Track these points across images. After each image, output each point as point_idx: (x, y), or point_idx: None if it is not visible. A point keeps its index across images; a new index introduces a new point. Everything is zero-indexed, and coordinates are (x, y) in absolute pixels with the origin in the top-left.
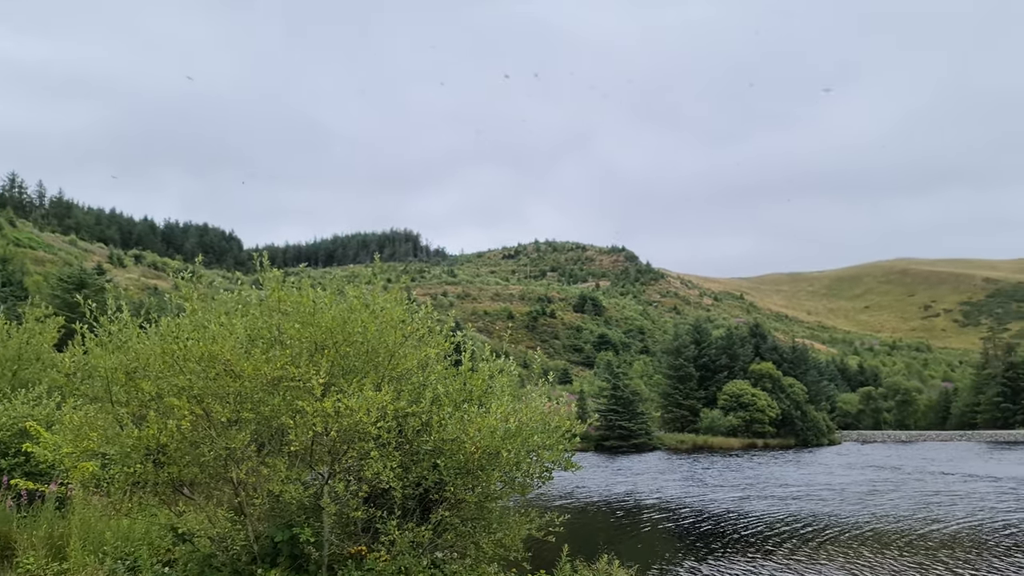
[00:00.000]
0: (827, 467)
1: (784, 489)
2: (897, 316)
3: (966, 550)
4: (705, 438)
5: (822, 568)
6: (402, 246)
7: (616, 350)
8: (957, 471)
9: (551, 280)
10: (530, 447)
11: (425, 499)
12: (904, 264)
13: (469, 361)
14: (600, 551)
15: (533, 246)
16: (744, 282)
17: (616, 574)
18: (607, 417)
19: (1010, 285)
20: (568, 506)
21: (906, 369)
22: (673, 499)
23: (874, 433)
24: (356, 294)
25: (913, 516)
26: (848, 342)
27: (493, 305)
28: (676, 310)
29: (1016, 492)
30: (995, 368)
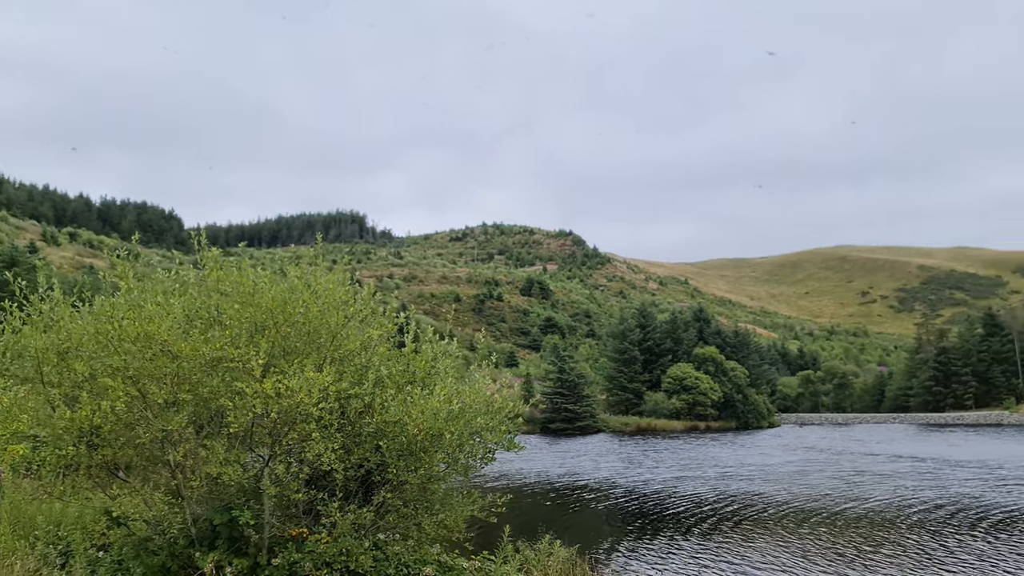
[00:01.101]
0: (763, 449)
1: (719, 470)
2: (836, 302)
3: (880, 527)
4: (649, 420)
5: (748, 545)
6: (348, 227)
7: (563, 333)
8: (884, 452)
9: (499, 263)
10: (473, 429)
11: (367, 481)
12: (843, 251)
13: (413, 343)
14: (542, 532)
15: (481, 229)
16: (689, 267)
17: (557, 553)
18: (553, 400)
19: (943, 272)
20: (512, 488)
21: (844, 353)
22: (614, 480)
23: (812, 416)
24: (298, 274)
25: (835, 495)
26: (789, 327)
27: (440, 288)
28: (622, 294)
29: (934, 472)
30: (927, 353)
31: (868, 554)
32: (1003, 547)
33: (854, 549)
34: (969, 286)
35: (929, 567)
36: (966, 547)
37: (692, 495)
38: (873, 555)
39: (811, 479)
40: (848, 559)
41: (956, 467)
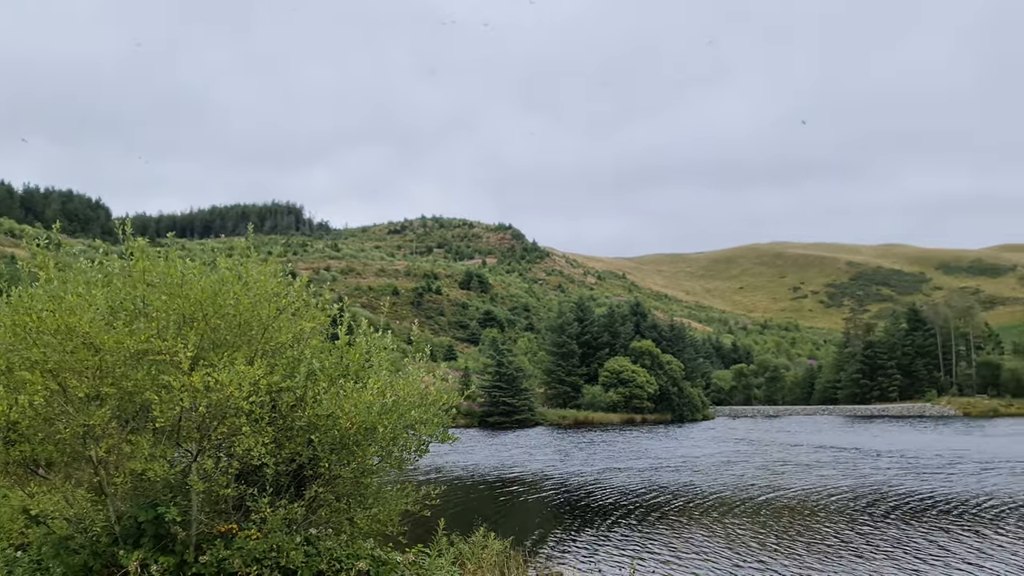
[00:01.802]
0: (695, 441)
1: (652, 462)
2: (769, 297)
3: (799, 515)
4: (586, 414)
5: (675, 534)
6: (284, 219)
7: (501, 327)
8: (809, 443)
9: (437, 256)
10: (407, 422)
11: (299, 475)
12: (777, 248)
13: (347, 336)
14: (477, 524)
15: (420, 222)
16: (627, 262)
17: (491, 546)
18: (491, 393)
19: (871, 269)
20: (447, 481)
21: (776, 347)
22: (549, 473)
23: (745, 408)
24: (228, 265)
25: (759, 484)
26: (723, 321)
27: (378, 281)
28: (561, 288)
29: (854, 461)
30: (855, 347)
31: (787, 541)
32: (914, 532)
33: (774, 537)
34: (895, 282)
35: (844, 553)
36: (879, 533)
37: (624, 486)
38: (792, 542)
39: (737, 469)
40: (768, 546)
41: (876, 457)
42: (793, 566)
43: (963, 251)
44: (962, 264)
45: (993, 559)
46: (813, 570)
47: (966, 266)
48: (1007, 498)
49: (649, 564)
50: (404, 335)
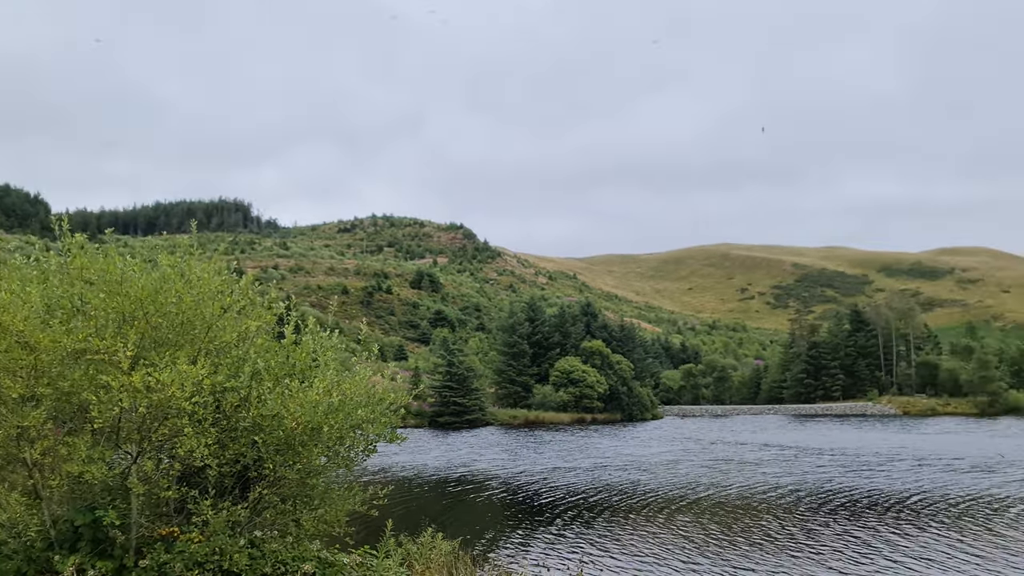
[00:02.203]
0: (643, 440)
1: (600, 461)
2: (717, 298)
3: (741, 511)
4: (537, 413)
5: (621, 531)
6: (232, 216)
7: (452, 327)
8: (753, 441)
9: (388, 255)
10: (354, 422)
11: (244, 477)
12: (724, 249)
13: (293, 335)
14: (425, 525)
15: (370, 220)
16: (578, 262)
17: (439, 546)
18: (442, 393)
19: (815, 271)
20: (396, 481)
21: (723, 348)
22: (499, 473)
23: (693, 408)
24: (170, 263)
25: (703, 482)
26: (672, 322)
27: (327, 279)
28: (512, 288)
29: (796, 459)
30: (800, 347)
31: (730, 538)
32: (852, 528)
33: (718, 534)
34: (839, 284)
35: (784, 548)
36: (818, 529)
37: (572, 485)
38: (735, 539)
39: (683, 468)
40: (712, 543)
41: (817, 454)
42: (735, 562)
43: (904, 254)
44: (903, 267)
45: (925, 552)
46: (755, 566)
47: (906, 269)
48: (940, 494)
49: (596, 562)
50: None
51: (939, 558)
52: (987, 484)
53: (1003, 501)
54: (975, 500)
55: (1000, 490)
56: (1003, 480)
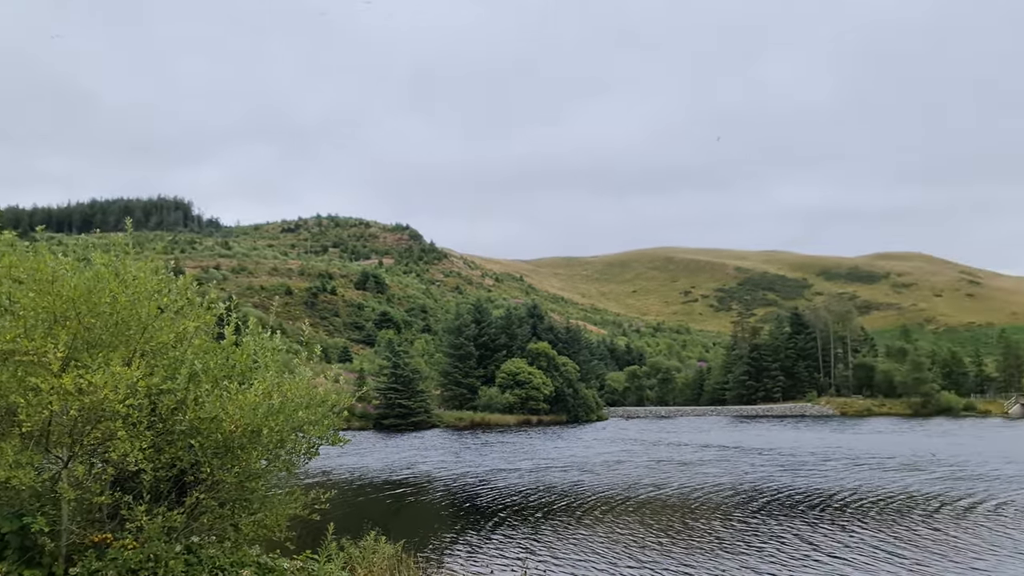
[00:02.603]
0: (587, 441)
1: (544, 462)
2: (661, 300)
3: (677, 510)
4: (483, 415)
5: (562, 532)
6: (171, 215)
7: (398, 328)
8: (694, 442)
9: (333, 256)
10: (295, 424)
11: (180, 481)
12: (668, 252)
13: (233, 336)
14: (368, 528)
15: (315, 221)
16: (524, 264)
17: (382, 550)
18: (387, 395)
19: (757, 274)
20: (340, 484)
21: (667, 350)
22: (443, 475)
23: (638, 409)
24: (105, 261)
25: (642, 482)
26: (618, 324)
27: (271, 280)
28: (459, 289)
29: (735, 459)
30: (742, 349)
31: (668, 537)
32: (787, 526)
33: (657, 533)
34: (779, 287)
35: (722, 547)
36: (754, 528)
37: (516, 487)
38: (673, 538)
39: (624, 468)
40: (651, 543)
41: (756, 454)
42: (675, 560)
43: (842, 258)
44: (841, 271)
45: (856, 550)
46: (694, 564)
47: (844, 273)
48: (868, 492)
49: (540, 563)
50: (297, 336)
51: (864, 554)
52: (912, 481)
53: (927, 498)
54: (901, 498)
55: (924, 488)
56: (928, 478)
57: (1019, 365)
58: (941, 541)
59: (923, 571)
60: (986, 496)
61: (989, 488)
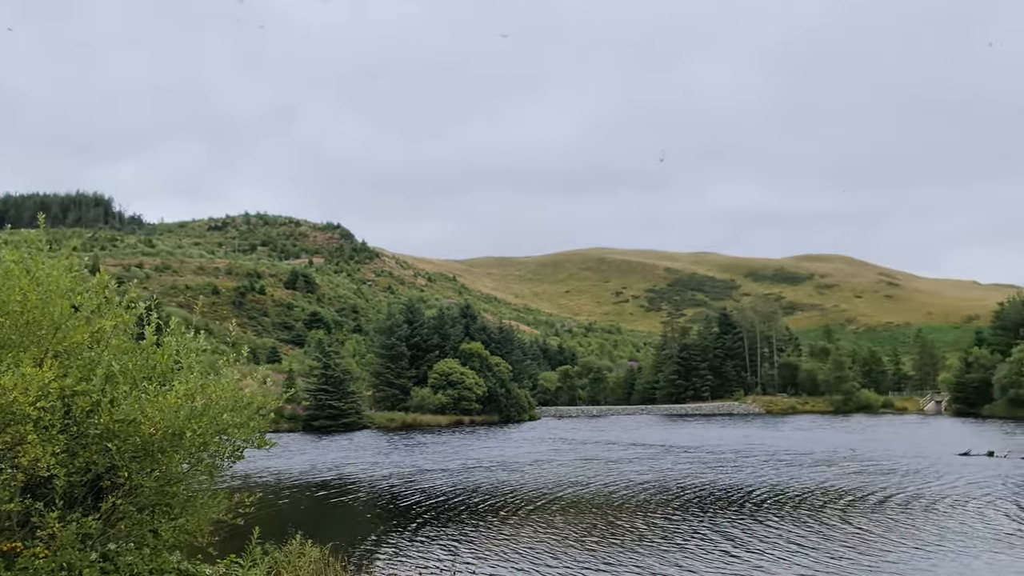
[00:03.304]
0: (519, 441)
1: (475, 462)
2: (593, 300)
3: (600, 507)
4: (415, 416)
5: (488, 531)
6: (91, 211)
7: (329, 328)
8: (623, 440)
9: (262, 255)
10: (219, 426)
11: (96, 486)
12: (600, 253)
13: (154, 335)
14: (295, 531)
15: (243, 219)
16: (457, 264)
17: (308, 553)
18: (317, 397)
19: (686, 275)
20: (266, 487)
21: (599, 349)
22: (373, 476)
23: (570, 408)
24: (15, 258)
25: (571, 481)
26: (550, 324)
27: (196, 279)
28: (391, 289)
29: (660, 457)
30: (672, 349)
31: (593, 534)
32: (705, 520)
33: (582, 528)
34: (708, 288)
35: (645, 542)
36: (675, 523)
37: (445, 487)
38: (597, 534)
39: (552, 467)
40: (577, 538)
41: (680, 452)
42: (596, 560)
43: (768, 260)
44: (767, 272)
45: (772, 544)
46: (614, 562)
47: (770, 274)
48: (789, 488)
49: (468, 562)
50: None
51: (779, 548)
52: (829, 477)
53: (842, 493)
54: (818, 492)
55: (840, 483)
56: (844, 473)
57: (934, 364)
58: (853, 534)
59: (835, 564)
60: (897, 490)
61: (901, 482)
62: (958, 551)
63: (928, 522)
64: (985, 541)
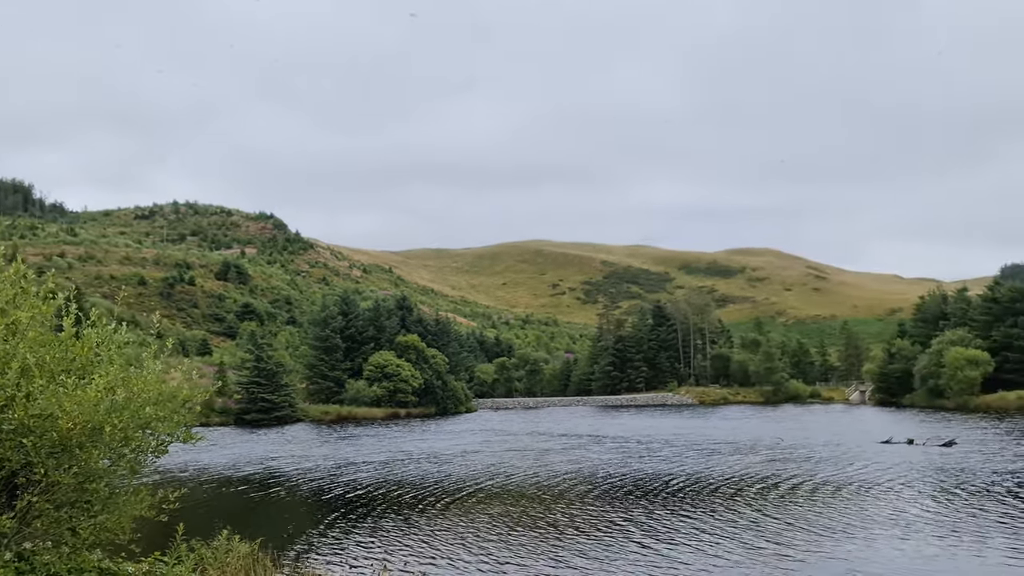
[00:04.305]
0: (454, 433)
1: (407, 454)
2: (530, 293)
3: (524, 498)
4: (350, 409)
5: (420, 523)
6: (9, 198)
7: (261, 320)
8: (556, 432)
9: (191, 245)
10: (142, 420)
11: (11, 483)
12: (538, 245)
13: (73, 327)
14: (222, 527)
15: (172, 208)
16: (393, 256)
17: (236, 549)
18: (249, 390)
19: (622, 268)
20: (193, 483)
21: (536, 341)
22: (306, 470)
23: (506, 400)
24: None
25: (498, 472)
26: (487, 316)
27: (122, 269)
28: (325, 281)
29: (589, 447)
30: (607, 341)
31: (521, 523)
32: (626, 509)
33: (510, 519)
34: (643, 280)
35: (564, 532)
36: (598, 512)
37: (375, 480)
38: (526, 523)
39: (482, 459)
40: (504, 529)
41: (610, 442)
42: (522, 548)
43: (701, 253)
44: (700, 265)
45: (691, 533)
46: (540, 552)
47: (703, 267)
48: (713, 477)
49: (398, 554)
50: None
51: (698, 537)
52: (753, 465)
53: (765, 480)
54: (741, 480)
55: (764, 471)
56: (763, 460)
57: (859, 355)
58: (763, 520)
59: (751, 548)
60: (815, 478)
61: (820, 470)
62: (864, 537)
63: (838, 508)
64: (890, 527)
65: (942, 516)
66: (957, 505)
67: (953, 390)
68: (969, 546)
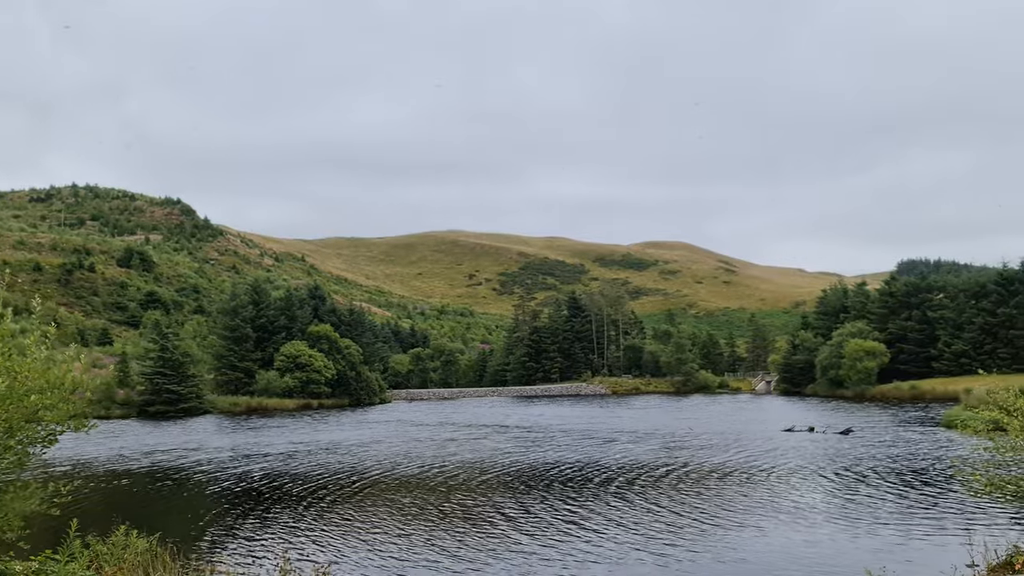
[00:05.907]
0: (365, 424)
1: (316, 445)
2: (446, 283)
3: (425, 489)
4: (260, 400)
5: (324, 515)
6: None
7: (167, 309)
8: (470, 422)
9: (92, 230)
10: (27, 410)
11: None
12: (454, 236)
13: None
14: (120, 522)
15: (70, 191)
16: (306, 244)
17: (134, 545)
18: (153, 381)
19: (538, 259)
20: (89, 476)
21: (452, 332)
22: (209, 463)
23: (421, 391)
24: None
25: (403, 463)
26: (403, 306)
27: (16, 255)
28: (235, 269)
29: (497, 436)
30: (523, 332)
31: (426, 513)
32: (529, 498)
33: (411, 511)
34: (559, 272)
35: (466, 522)
36: (499, 501)
37: (281, 472)
38: (431, 513)
39: (390, 450)
40: (406, 520)
41: (520, 432)
42: (432, 538)
43: (616, 246)
44: (615, 258)
45: (593, 520)
46: (442, 542)
47: (618, 260)
48: (611, 465)
49: (301, 547)
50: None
51: (599, 523)
52: (650, 453)
53: (658, 467)
54: (646, 468)
55: (664, 458)
56: (655, 448)
57: (765, 346)
58: (656, 509)
59: (645, 536)
60: (715, 465)
61: (715, 457)
62: (757, 524)
63: (735, 495)
64: (785, 513)
65: (836, 502)
66: (852, 491)
67: (852, 380)
68: (862, 530)
